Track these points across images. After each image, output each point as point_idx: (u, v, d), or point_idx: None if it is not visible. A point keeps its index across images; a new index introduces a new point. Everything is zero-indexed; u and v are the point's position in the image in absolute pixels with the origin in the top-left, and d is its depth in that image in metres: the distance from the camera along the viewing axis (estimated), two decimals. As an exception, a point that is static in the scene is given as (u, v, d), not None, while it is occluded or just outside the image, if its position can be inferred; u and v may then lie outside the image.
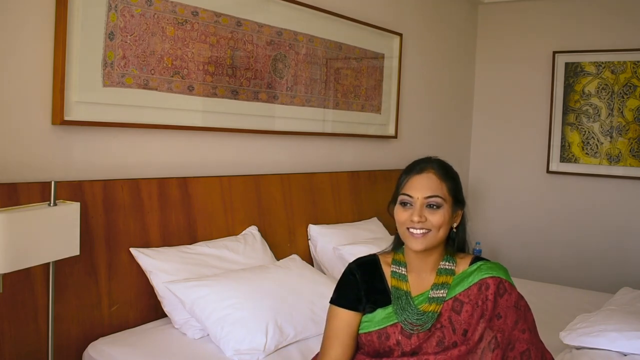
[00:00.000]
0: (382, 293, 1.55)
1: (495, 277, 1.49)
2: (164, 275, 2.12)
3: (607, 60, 4.12)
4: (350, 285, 1.56)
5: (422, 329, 1.47)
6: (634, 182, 4.07)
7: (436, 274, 1.54)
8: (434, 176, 1.51)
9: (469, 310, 1.47)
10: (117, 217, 2.13)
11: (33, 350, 1.88)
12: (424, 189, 1.50)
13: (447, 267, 1.55)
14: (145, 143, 2.32)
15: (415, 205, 1.49)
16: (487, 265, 1.53)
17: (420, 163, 1.55)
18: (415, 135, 4.01)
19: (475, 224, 4.75)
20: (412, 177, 1.52)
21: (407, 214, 1.50)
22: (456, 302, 1.49)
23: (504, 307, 1.46)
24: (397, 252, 1.62)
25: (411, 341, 1.47)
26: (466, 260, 1.57)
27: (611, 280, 4.04)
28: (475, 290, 1.48)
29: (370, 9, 3.47)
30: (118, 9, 2.14)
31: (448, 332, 1.46)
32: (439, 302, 1.49)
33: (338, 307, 1.55)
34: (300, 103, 3.00)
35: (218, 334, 1.97)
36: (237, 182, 2.61)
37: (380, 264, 1.60)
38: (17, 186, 1.85)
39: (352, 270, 1.58)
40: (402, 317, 1.49)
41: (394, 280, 1.56)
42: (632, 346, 2.04)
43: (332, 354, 1.52)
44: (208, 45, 2.49)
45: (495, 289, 1.47)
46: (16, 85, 1.91)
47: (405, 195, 1.51)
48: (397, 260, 1.59)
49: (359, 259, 1.62)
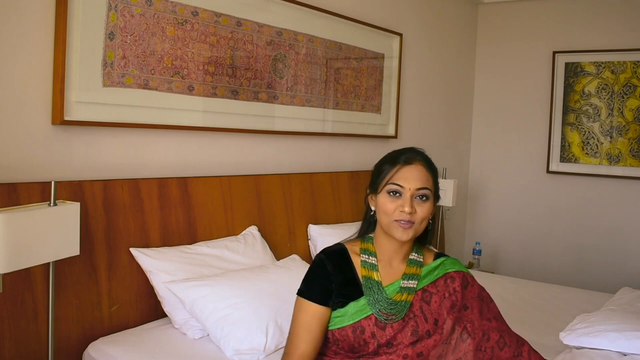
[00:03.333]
0: (352, 284, 1.53)
1: (458, 270, 1.56)
2: (164, 275, 2.12)
3: (607, 60, 4.12)
4: (320, 278, 1.53)
5: (395, 318, 1.48)
6: (634, 182, 4.07)
7: (407, 264, 1.57)
8: (423, 168, 1.53)
9: (437, 301, 1.52)
10: (117, 217, 2.13)
11: (33, 350, 1.88)
12: (415, 180, 1.51)
13: (417, 259, 1.59)
14: (145, 143, 2.32)
15: (406, 196, 1.50)
16: (449, 260, 1.61)
17: (406, 153, 1.56)
18: (415, 135, 4.01)
19: (475, 224, 4.75)
20: (403, 168, 1.52)
21: (396, 204, 1.50)
22: (425, 292, 1.53)
23: (469, 298, 1.52)
24: (364, 240, 1.61)
25: (386, 332, 1.48)
26: (430, 254, 1.63)
27: (611, 280, 4.04)
28: (442, 283, 1.54)
29: (370, 9, 3.47)
30: (118, 9, 2.14)
31: (421, 321, 1.49)
32: (410, 292, 1.52)
33: (306, 300, 1.52)
34: (300, 103, 3.00)
35: (218, 334, 1.97)
36: (237, 182, 2.61)
37: (349, 253, 1.58)
38: (17, 186, 1.85)
39: (322, 261, 1.55)
40: (376, 308, 1.49)
41: (364, 270, 1.55)
42: (632, 346, 2.04)
43: (301, 348, 1.49)
44: (208, 45, 2.49)
45: (460, 281, 1.54)
46: (16, 85, 1.91)
47: (395, 185, 1.51)
48: (365, 249, 1.58)
49: (328, 249, 1.59)
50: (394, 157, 1.56)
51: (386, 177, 1.53)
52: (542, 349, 2.20)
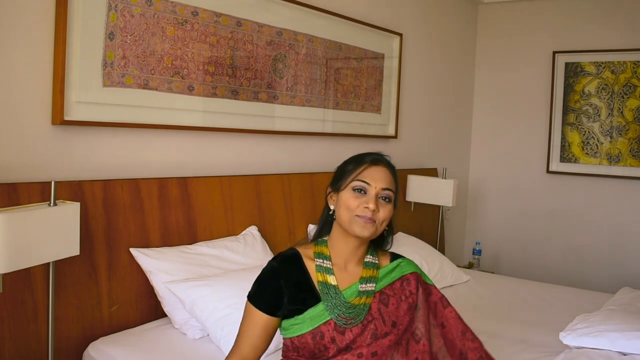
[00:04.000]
0: (308, 291, 1.50)
1: (414, 272, 1.58)
2: (164, 275, 2.12)
3: (607, 60, 4.12)
4: (271, 287, 1.50)
5: (355, 322, 1.47)
6: (634, 182, 4.07)
7: (363, 267, 1.57)
8: (387, 171, 1.54)
9: (395, 303, 1.52)
10: (117, 217, 2.13)
11: (33, 350, 1.88)
12: (381, 180, 1.51)
13: (373, 261, 1.59)
14: (145, 143, 2.32)
15: (371, 194, 1.50)
16: (405, 261, 1.61)
17: (371, 155, 1.56)
18: (415, 135, 4.01)
19: (475, 224, 4.75)
20: (370, 167, 1.53)
21: (360, 201, 1.50)
22: (383, 295, 1.53)
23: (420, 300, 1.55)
24: (318, 244, 1.59)
25: (345, 337, 1.46)
26: (386, 256, 1.63)
27: (611, 280, 4.04)
28: (399, 285, 1.55)
29: (370, 9, 3.47)
30: (118, 9, 2.14)
31: (379, 323, 1.49)
32: (369, 295, 1.52)
33: (253, 307, 1.49)
34: (300, 103, 3.00)
35: (218, 334, 1.97)
36: (237, 182, 2.61)
37: (303, 258, 1.55)
38: (17, 186, 1.85)
39: (274, 270, 1.51)
40: (335, 313, 1.47)
41: (319, 275, 1.52)
42: (632, 346, 2.04)
43: (244, 352, 1.48)
44: (208, 45, 2.49)
45: (415, 283, 1.56)
46: (16, 85, 1.91)
47: (362, 182, 1.51)
48: (320, 253, 1.56)
49: (281, 255, 1.57)
50: (360, 158, 1.56)
51: (352, 175, 1.53)
52: (542, 349, 2.21)
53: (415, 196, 3.70)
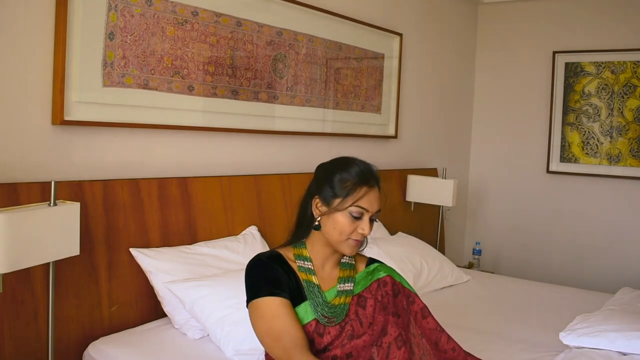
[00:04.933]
0: (295, 289, 1.53)
1: (389, 276, 1.60)
2: (164, 276, 2.12)
3: (607, 60, 4.12)
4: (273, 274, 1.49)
5: (336, 321, 1.51)
6: (634, 182, 4.07)
7: (340, 268, 1.61)
8: (379, 190, 1.55)
9: (372, 305, 1.55)
10: (117, 217, 2.13)
11: (33, 350, 1.88)
12: (376, 204, 1.53)
13: (349, 262, 1.63)
14: (145, 143, 2.32)
15: (364, 218, 1.51)
16: (383, 266, 1.65)
17: (368, 174, 1.54)
18: (415, 135, 4.01)
19: (475, 224, 4.75)
20: (370, 191, 1.52)
21: (355, 225, 1.50)
22: (360, 298, 1.57)
23: (400, 308, 1.56)
24: (297, 246, 1.61)
25: (324, 339, 1.50)
26: (363, 260, 1.66)
27: (611, 280, 4.04)
28: (375, 287, 1.58)
29: (370, 9, 3.47)
30: (118, 9, 2.14)
31: (356, 324, 1.52)
32: (347, 294, 1.56)
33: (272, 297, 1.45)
34: (300, 103, 3.00)
35: (218, 334, 1.97)
36: (237, 182, 2.61)
37: (285, 259, 1.57)
38: (17, 186, 1.85)
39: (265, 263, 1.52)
40: (318, 312, 1.51)
41: (303, 274, 1.56)
42: (632, 346, 2.04)
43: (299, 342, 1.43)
44: (208, 45, 2.49)
45: (391, 287, 1.58)
46: (16, 85, 1.91)
47: (361, 209, 1.50)
48: (300, 255, 1.59)
49: (264, 254, 1.57)
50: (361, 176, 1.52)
51: (351, 199, 1.49)
52: (542, 349, 2.21)
53: (415, 196, 3.70)
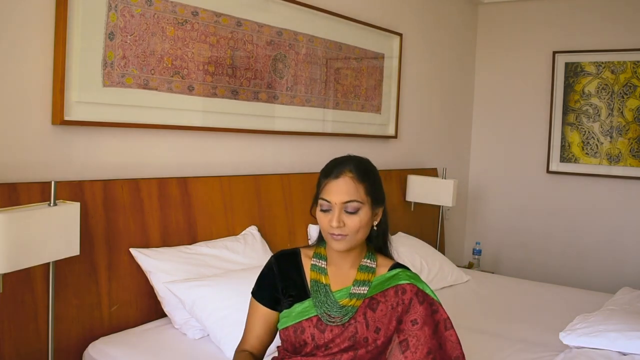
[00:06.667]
0: (299, 287, 1.57)
1: (412, 284, 1.53)
2: (164, 276, 2.12)
3: (607, 60, 4.12)
4: (268, 281, 1.60)
5: (340, 322, 1.50)
6: (634, 182, 4.07)
7: (358, 271, 1.57)
8: (350, 180, 1.50)
9: (383, 310, 1.51)
10: (117, 217, 2.13)
11: (33, 350, 1.88)
12: (341, 194, 1.49)
13: (369, 265, 1.58)
14: (145, 143, 2.32)
15: (334, 210, 1.49)
16: (406, 273, 1.57)
17: (338, 165, 1.53)
18: (415, 135, 4.01)
19: (476, 224, 4.75)
20: (330, 182, 1.51)
21: (327, 219, 1.50)
22: (373, 300, 1.53)
23: (422, 315, 1.50)
24: (320, 245, 1.64)
25: (325, 335, 1.50)
26: (387, 263, 1.60)
27: (611, 280, 4.04)
28: (392, 293, 1.53)
29: (370, 9, 3.47)
30: (118, 9, 2.14)
31: (362, 327, 1.50)
32: (359, 298, 1.53)
33: (255, 301, 1.60)
34: (300, 103, 3.00)
35: (218, 334, 1.97)
36: (237, 182, 2.61)
37: (301, 257, 1.62)
38: (17, 186, 1.85)
39: (270, 265, 1.61)
40: (322, 310, 1.52)
41: (313, 273, 1.58)
42: (632, 346, 2.04)
43: (250, 344, 1.58)
44: (208, 45, 2.49)
45: (412, 295, 1.51)
46: (16, 85, 1.91)
47: (323, 201, 1.51)
48: (318, 253, 1.61)
49: (281, 252, 1.65)
50: (328, 169, 1.55)
51: (320, 192, 1.53)
52: (542, 348, 2.21)
53: (415, 196, 3.70)
